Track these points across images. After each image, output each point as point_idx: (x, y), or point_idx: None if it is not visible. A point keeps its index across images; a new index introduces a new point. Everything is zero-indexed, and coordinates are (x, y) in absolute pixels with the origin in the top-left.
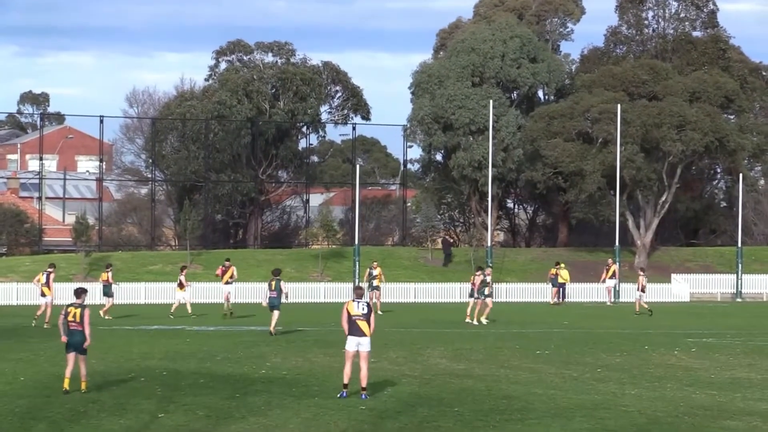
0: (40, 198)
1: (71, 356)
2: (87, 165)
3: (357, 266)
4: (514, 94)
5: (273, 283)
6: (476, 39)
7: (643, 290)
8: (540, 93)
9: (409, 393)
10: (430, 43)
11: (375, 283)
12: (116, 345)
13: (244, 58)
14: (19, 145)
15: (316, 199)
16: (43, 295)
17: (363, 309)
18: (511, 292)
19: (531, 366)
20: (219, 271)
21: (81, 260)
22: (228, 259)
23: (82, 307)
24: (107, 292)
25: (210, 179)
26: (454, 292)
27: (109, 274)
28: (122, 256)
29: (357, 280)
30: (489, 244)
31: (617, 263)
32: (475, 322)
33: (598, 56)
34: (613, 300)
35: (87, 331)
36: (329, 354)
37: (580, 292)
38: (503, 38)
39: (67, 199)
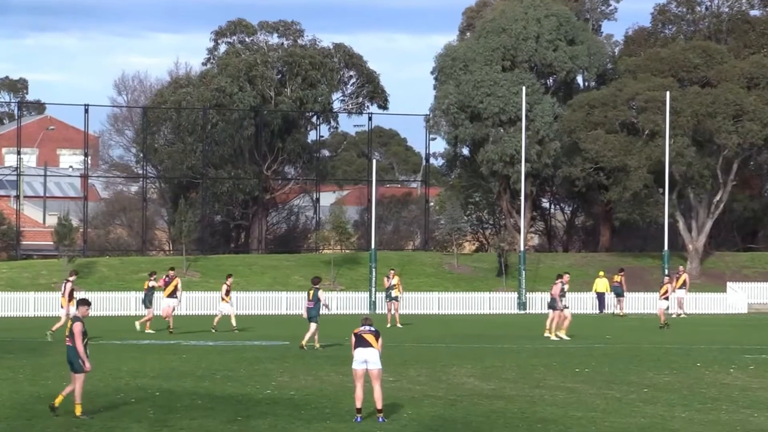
0: (17, 197)
1: (72, 375)
2: (70, 160)
3: (373, 273)
4: (550, 80)
5: (311, 292)
6: (507, 18)
7: (666, 298)
8: (579, 79)
9: (432, 416)
10: (455, 23)
11: (393, 293)
12: (104, 361)
13: (247, 39)
14: None
15: (327, 198)
16: (171, 296)
17: (370, 328)
18: (546, 302)
19: (569, 386)
20: (162, 282)
21: (64, 266)
22: (173, 269)
23: (74, 319)
24: (148, 300)
25: (208, 176)
26: (482, 302)
27: (152, 281)
28: (110, 261)
29: (373, 289)
30: (522, 249)
31: (666, 269)
32: (553, 336)
33: (644, 37)
34: (683, 312)
35: (78, 348)
36: (342, 372)
37: (625, 303)
38: (538, 17)
39: (48, 198)
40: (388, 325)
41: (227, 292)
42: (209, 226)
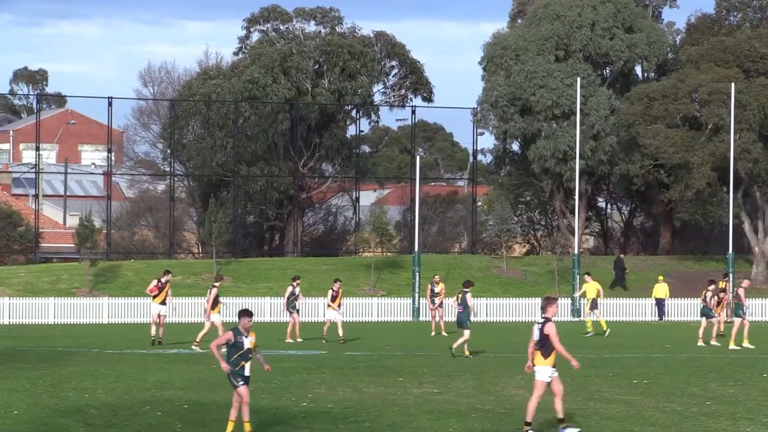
0: (36, 196)
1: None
2: (92, 156)
3: (417, 278)
4: (607, 71)
5: (460, 296)
6: (561, 4)
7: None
8: (637, 69)
9: (479, 430)
10: (504, 10)
11: (437, 300)
12: (128, 372)
13: (281, 27)
14: (11, 133)
15: (367, 197)
16: (163, 303)
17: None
18: (602, 308)
19: (627, 398)
20: (154, 289)
21: (86, 271)
22: (169, 272)
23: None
24: (291, 306)
25: (240, 173)
26: (533, 309)
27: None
28: (135, 265)
29: (417, 295)
30: (576, 252)
31: (731, 274)
32: (734, 346)
33: (707, 25)
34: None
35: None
36: (383, 384)
37: (686, 310)
38: (593, 3)
39: (68, 197)
40: (433, 334)
41: (333, 298)
42: (241, 227)
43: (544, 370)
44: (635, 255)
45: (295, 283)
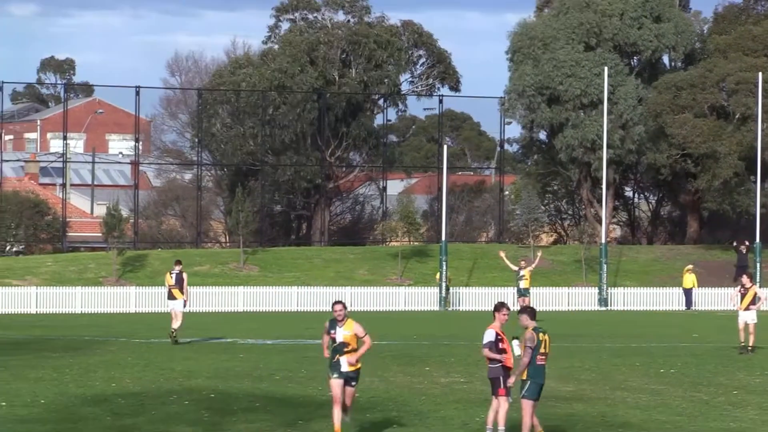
0: (63, 185)
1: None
2: (120, 145)
3: (444, 267)
4: (635, 60)
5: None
6: None
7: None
8: (665, 59)
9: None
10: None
11: (522, 285)
12: (155, 361)
13: (310, 16)
14: (39, 122)
15: (394, 186)
16: (172, 297)
17: None
18: (629, 298)
19: (653, 387)
20: (172, 280)
21: (113, 260)
22: (179, 262)
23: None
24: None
25: (268, 162)
26: (561, 298)
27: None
28: (162, 254)
29: (444, 285)
30: (603, 241)
31: (758, 263)
32: None
33: (735, 14)
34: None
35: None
36: (410, 373)
37: (714, 299)
38: None
39: (96, 186)
40: None
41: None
42: (268, 217)
43: None
44: (662, 244)
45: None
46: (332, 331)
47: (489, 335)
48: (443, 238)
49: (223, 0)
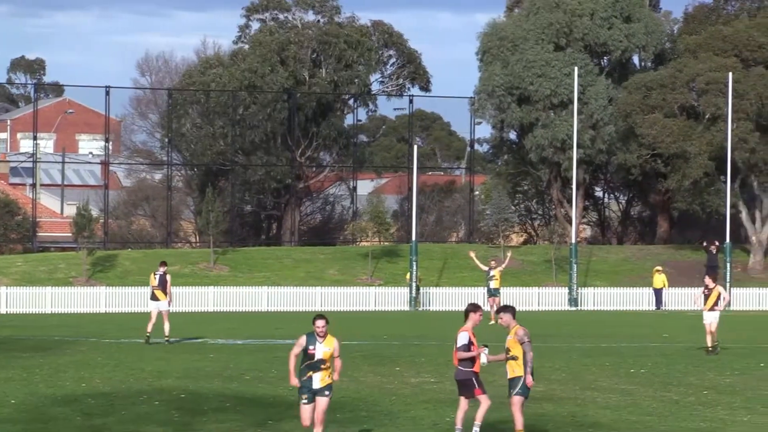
0: (33, 185)
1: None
2: (90, 145)
3: (414, 267)
4: (605, 60)
5: None
6: None
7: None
8: (635, 59)
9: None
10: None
11: (493, 285)
12: (125, 361)
13: (280, 16)
14: (8, 122)
15: (365, 186)
16: (155, 298)
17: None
18: (599, 298)
19: (623, 387)
20: (155, 281)
21: (83, 260)
22: (164, 263)
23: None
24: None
25: (238, 162)
26: (531, 298)
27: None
28: (132, 254)
29: (414, 285)
30: (573, 241)
31: (728, 264)
32: None
33: (705, 14)
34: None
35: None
36: (380, 373)
37: (684, 299)
38: None
39: (66, 186)
40: (491, 322)
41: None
42: (238, 217)
43: None
44: (632, 244)
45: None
46: (311, 347)
47: (463, 338)
48: (413, 238)
49: (194, 0)
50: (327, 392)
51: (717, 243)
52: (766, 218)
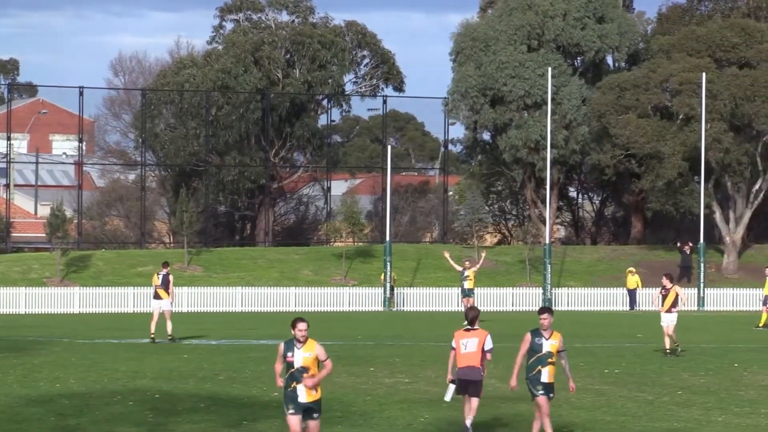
0: (7, 185)
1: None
2: (64, 146)
3: (388, 268)
4: (578, 61)
5: None
6: None
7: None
8: (609, 59)
9: (450, 420)
10: (472, 1)
11: (467, 285)
12: (99, 362)
13: (254, 17)
14: None
15: (338, 186)
16: (158, 297)
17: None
18: (573, 298)
19: (598, 388)
20: (158, 281)
21: (57, 260)
22: (167, 264)
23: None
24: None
25: (212, 163)
26: (505, 298)
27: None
28: (106, 255)
29: (388, 285)
30: (547, 241)
31: (702, 264)
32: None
33: (678, 15)
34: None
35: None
36: (355, 373)
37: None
38: None
39: (39, 186)
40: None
41: None
42: (212, 217)
43: None
44: (606, 245)
45: None
46: (289, 354)
47: (491, 341)
48: (387, 238)
49: (167, 1)
50: (316, 414)
51: (690, 243)
52: (739, 219)
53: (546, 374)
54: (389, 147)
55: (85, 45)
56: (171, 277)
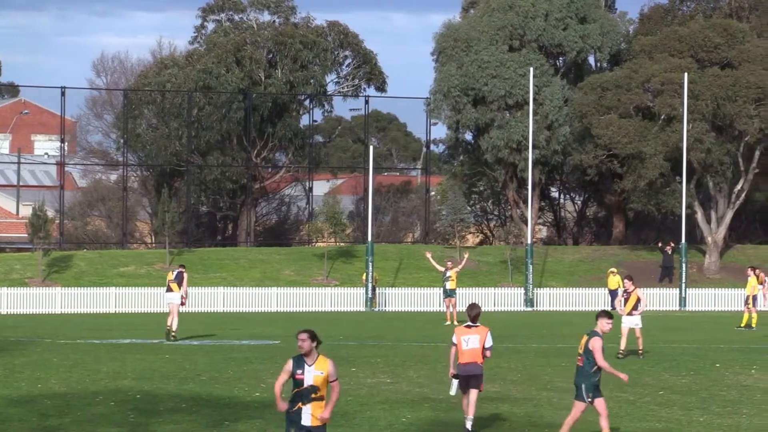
0: None
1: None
2: (46, 146)
3: (370, 268)
4: (560, 61)
5: None
6: None
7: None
8: (591, 59)
9: (431, 420)
10: (454, 1)
11: (449, 286)
12: (81, 362)
13: (236, 17)
14: None
15: (320, 187)
16: (170, 290)
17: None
18: (555, 298)
19: None
20: (172, 276)
21: (39, 261)
22: (183, 265)
23: (592, 334)
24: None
25: (194, 163)
26: (486, 298)
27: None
28: (87, 255)
29: (370, 285)
30: (529, 241)
31: (684, 264)
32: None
33: (660, 15)
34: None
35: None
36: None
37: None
38: None
39: (21, 186)
40: (447, 323)
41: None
42: (194, 217)
43: None
44: (588, 245)
45: None
46: (299, 371)
47: (491, 338)
48: (369, 238)
49: (150, 1)
50: None
51: (672, 243)
52: (721, 219)
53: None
54: (371, 147)
55: (68, 45)
56: (185, 275)
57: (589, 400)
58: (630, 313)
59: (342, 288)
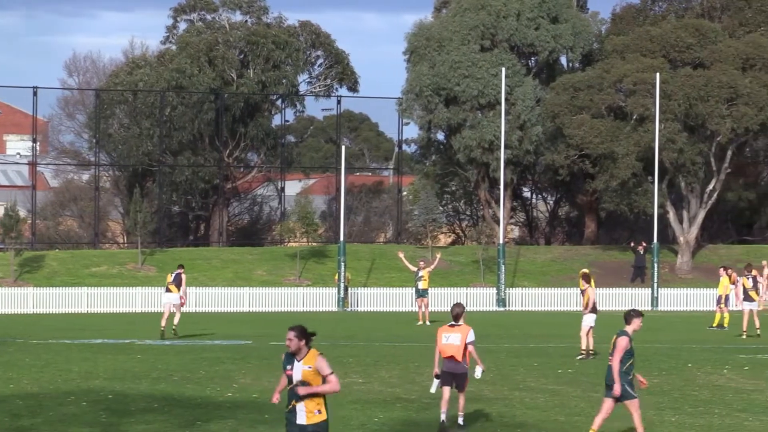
0: None
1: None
2: (17, 146)
3: (342, 267)
4: (532, 61)
5: None
6: None
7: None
8: (563, 59)
9: (404, 420)
10: (428, 1)
11: (421, 286)
12: (53, 362)
13: (207, 17)
14: None
15: (292, 187)
16: (169, 291)
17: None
18: (527, 298)
19: (551, 388)
20: (171, 278)
21: (10, 261)
22: (182, 266)
23: (621, 333)
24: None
25: (165, 163)
26: (458, 298)
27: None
28: (59, 255)
29: (342, 285)
30: (501, 241)
31: (656, 264)
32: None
33: (632, 15)
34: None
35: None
36: None
37: (611, 300)
38: None
39: None
40: (419, 323)
41: None
42: (166, 217)
43: None
44: (560, 245)
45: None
46: (288, 367)
47: (473, 334)
48: (341, 238)
49: (120, 0)
50: None
51: (644, 243)
52: (693, 218)
53: None
54: (343, 147)
55: (39, 45)
56: (184, 277)
57: (635, 395)
58: (584, 312)
59: (314, 288)
